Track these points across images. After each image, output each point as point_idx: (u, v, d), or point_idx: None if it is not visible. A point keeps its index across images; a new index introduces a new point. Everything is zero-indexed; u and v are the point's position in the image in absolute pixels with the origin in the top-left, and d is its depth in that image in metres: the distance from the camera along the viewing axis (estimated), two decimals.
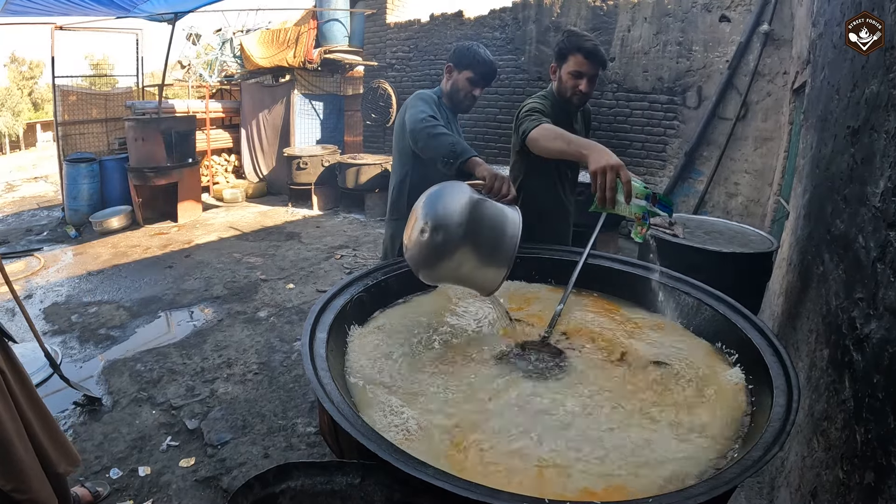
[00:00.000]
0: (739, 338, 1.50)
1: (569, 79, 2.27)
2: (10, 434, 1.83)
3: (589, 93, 2.29)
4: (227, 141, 10.34)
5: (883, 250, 1.32)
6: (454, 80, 2.52)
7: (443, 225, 1.42)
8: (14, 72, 35.24)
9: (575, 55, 2.22)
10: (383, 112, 8.96)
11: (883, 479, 1.16)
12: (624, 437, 1.19)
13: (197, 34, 12.54)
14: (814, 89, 2.92)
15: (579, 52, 2.21)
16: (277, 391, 3.36)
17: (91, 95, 8.63)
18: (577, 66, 2.23)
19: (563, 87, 2.31)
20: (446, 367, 1.46)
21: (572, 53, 2.23)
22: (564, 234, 2.61)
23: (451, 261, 1.43)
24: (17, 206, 10.00)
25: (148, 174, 7.51)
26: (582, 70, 2.23)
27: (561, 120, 2.33)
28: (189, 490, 2.54)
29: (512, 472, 1.09)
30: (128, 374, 3.55)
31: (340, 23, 9.04)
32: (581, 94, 2.28)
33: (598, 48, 2.22)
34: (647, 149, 6.47)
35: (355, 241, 6.95)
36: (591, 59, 2.21)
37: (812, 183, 2.48)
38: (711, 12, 5.77)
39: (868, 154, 1.53)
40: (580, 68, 2.23)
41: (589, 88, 2.27)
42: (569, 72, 2.26)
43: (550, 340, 1.59)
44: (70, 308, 4.76)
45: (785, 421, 1.09)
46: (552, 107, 2.31)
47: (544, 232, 2.37)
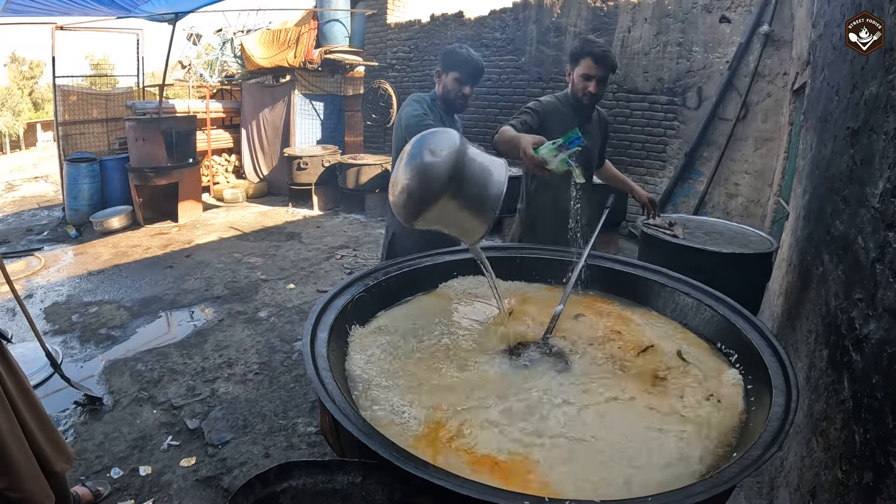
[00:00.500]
0: (739, 338, 1.50)
1: (580, 81, 2.45)
2: (4, 433, 1.83)
3: (598, 94, 2.46)
4: (228, 141, 10.35)
5: (882, 251, 1.33)
6: (443, 82, 2.66)
7: (434, 156, 1.38)
8: (14, 71, 35.23)
9: (585, 59, 2.40)
10: (384, 112, 8.96)
11: (881, 479, 1.17)
12: (621, 436, 1.20)
13: (197, 34, 12.56)
14: (814, 90, 2.92)
15: (589, 57, 2.39)
16: (278, 391, 3.37)
17: (91, 95, 8.63)
18: (587, 69, 2.41)
19: (575, 88, 2.49)
20: (448, 367, 1.47)
21: (583, 57, 2.41)
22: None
23: (440, 193, 1.37)
24: (17, 205, 10.01)
25: (148, 174, 7.51)
26: (591, 73, 2.41)
27: (573, 120, 2.49)
28: (190, 489, 2.55)
29: (512, 471, 1.09)
30: (128, 374, 3.55)
31: (341, 23, 9.05)
32: (591, 95, 2.45)
33: (607, 53, 2.40)
34: (647, 149, 6.47)
35: (356, 241, 6.95)
36: (600, 62, 2.39)
37: (812, 184, 2.49)
38: (712, 13, 5.78)
39: (867, 155, 1.54)
40: (589, 71, 2.41)
41: (597, 90, 2.44)
42: (580, 74, 2.44)
43: (550, 340, 1.60)
44: (71, 308, 4.76)
45: (784, 420, 1.10)
46: (563, 104, 2.52)
47: (548, 227, 2.46)
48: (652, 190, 6.35)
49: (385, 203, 8.06)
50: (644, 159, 6.46)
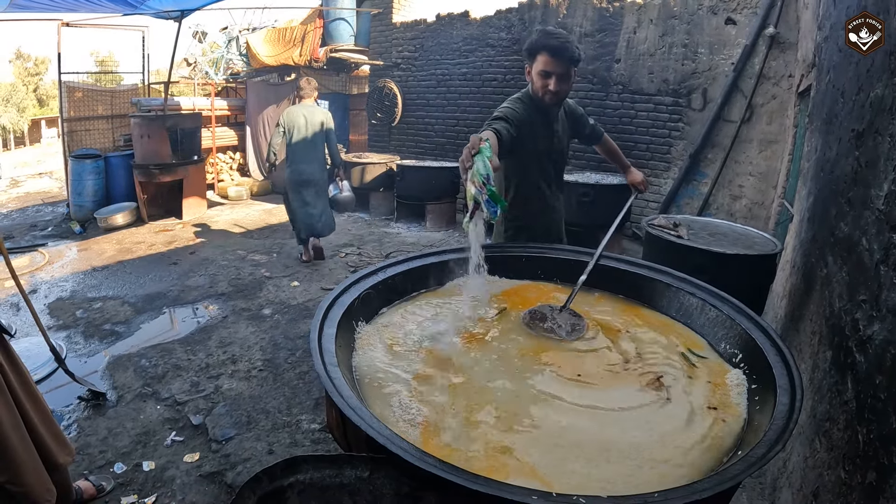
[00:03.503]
0: (743, 338, 1.51)
1: (538, 78, 2.22)
2: (5, 427, 1.84)
3: (560, 91, 2.23)
4: (233, 139, 10.38)
5: (886, 253, 1.33)
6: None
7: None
8: (19, 68, 35.37)
9: (542, 54, 2.18)
10: (389, 111, 8.97)
11: (885, 479, 1.17)
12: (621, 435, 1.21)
13: (203, 32, 12.59)
14: (819, 92, 2.92)
15: (545, 51, 2.16)
16: (282, 388, 3.38)
17: (97, 92, 8.66)
18: (545, 65, 2.18)
19: (534, 87, 2.28)
20: (455, 361, 1.48)
21: (539, 52, 2.19)
22: (557, 229, 2.62)
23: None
24: (21, 201, 10.05)
25: (153, 171, 7.54)
26: (549, 69, 2.18)
27: (537, 121, 2.31)
28: (193, 485, 2.56)
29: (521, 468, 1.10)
30: (132, 370, 3.57)
31: (346, 22, 9.06)
32: (552, 94, 2.22)
33: (565, 45, 2.15)
34: (651, 150, 6.47)
35: (360, 239, 6.97)
36: (558, 56, 2.16)
37: (816, 186, 2.49)
38: (717, 15, 5.77)
39: (872, 157, 1.54)
40: (547, 67, 2.18)
41: (559, 87, 2.21)
42: (537, 71, 2.21)
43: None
44: (75, 303, 4.78)
45: (788, 419, 1.10)
46: (526, 109, 2.26)
47: (535, 229, 2.44)
48: (656, 191, 6.35)
49: (390, 202, 8.08)
50: (648, 160, 6.46)
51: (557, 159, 2.48)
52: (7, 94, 30.73)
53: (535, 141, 2.32)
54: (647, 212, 6.32)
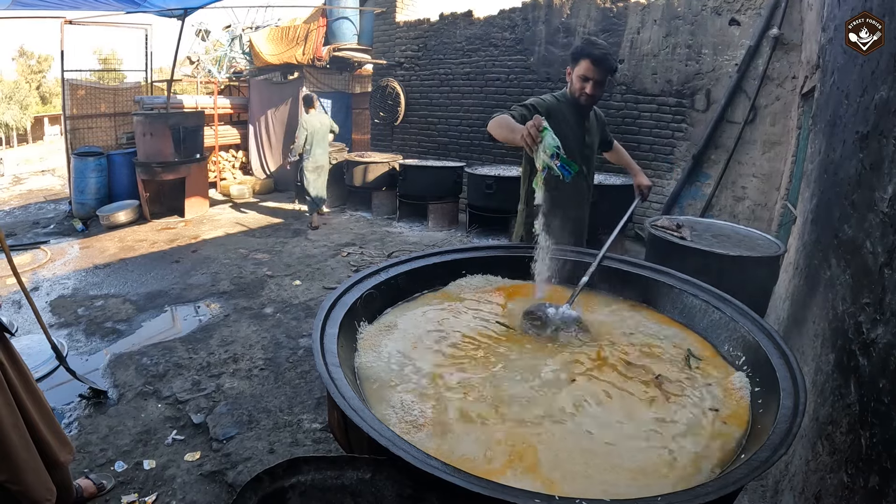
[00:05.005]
0: (746, 340, 1.50)
1: (577, 81, 2.43)
2: (5, 425, 1.84)
3: (595, 95, 2.45)
4: (235, 137, 10.38)
5: (890, 255, 1.33)
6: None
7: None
8: (22, 65, 35.41)
9: (584, 60, 2.38)
10: (392, 110, 8.97)
11: (888, 483, 1.17)
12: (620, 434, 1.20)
13: (206, 30, 12.59)
14: (823, 94, 2.91)
15: (588, 59, 2.37)
16: (283, 387, 3.38)
17: (99, 90, 8.67)
18: (586, 70, 2.39)
19: (572, 88, 2.48)
20: (458, 363, 1.47)
21: (582, 58, 2.39)
22: (580, 226, 2.66)
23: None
24: (24, 198, 10.07)
25: (155, 169, 7.55)
26: (588, 75, 2.39)
27: (571, 119, 2.50)
28: (194, 484, 2.56)
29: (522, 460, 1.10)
30: (133, 368, 3.57)
31: (350, 21, 9.05)
32: (587, 96, 2.44)
33: (606, 56, 2.37)
34: (654, 151, 6.46)
35: (362, 238, 6.96)
36: (598, 65, 2.37)
37: (820, 187, 2.48)
38: (721, 15, 5.76)
39: (876, 159, 1.54)
40: (587, 73, 2.39)
41: (595, 91, 2.43)
42: (578, 75, 2.42)
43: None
44: (76, 301, 4.79)
45: (791, 423, 1.10)
46: (561, 105, 2.49)
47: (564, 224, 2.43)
48: (659, 192, 6.34)
49: (392, 202, 8.09)
50: (651, 161, 6.44)
51: (588, 155, 2.67)
52: (10, 92, 30.74)
53: (567, 134, 2.41)
54: (650, 213, 6.31)
